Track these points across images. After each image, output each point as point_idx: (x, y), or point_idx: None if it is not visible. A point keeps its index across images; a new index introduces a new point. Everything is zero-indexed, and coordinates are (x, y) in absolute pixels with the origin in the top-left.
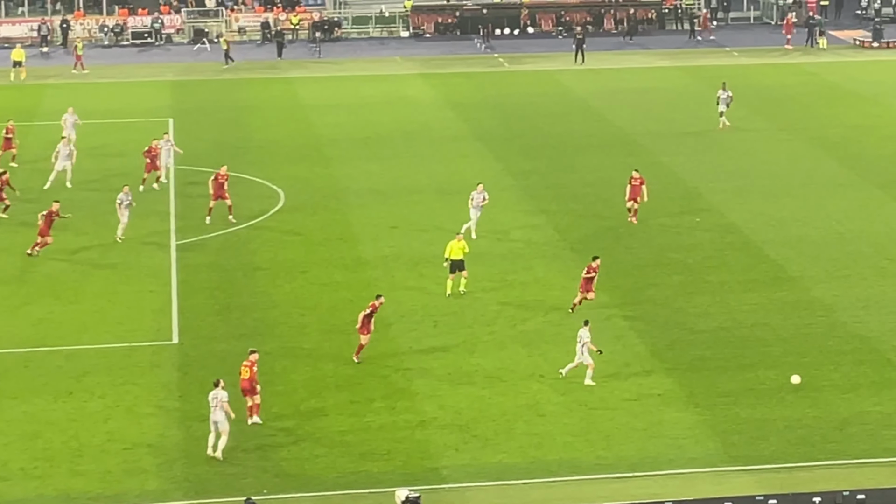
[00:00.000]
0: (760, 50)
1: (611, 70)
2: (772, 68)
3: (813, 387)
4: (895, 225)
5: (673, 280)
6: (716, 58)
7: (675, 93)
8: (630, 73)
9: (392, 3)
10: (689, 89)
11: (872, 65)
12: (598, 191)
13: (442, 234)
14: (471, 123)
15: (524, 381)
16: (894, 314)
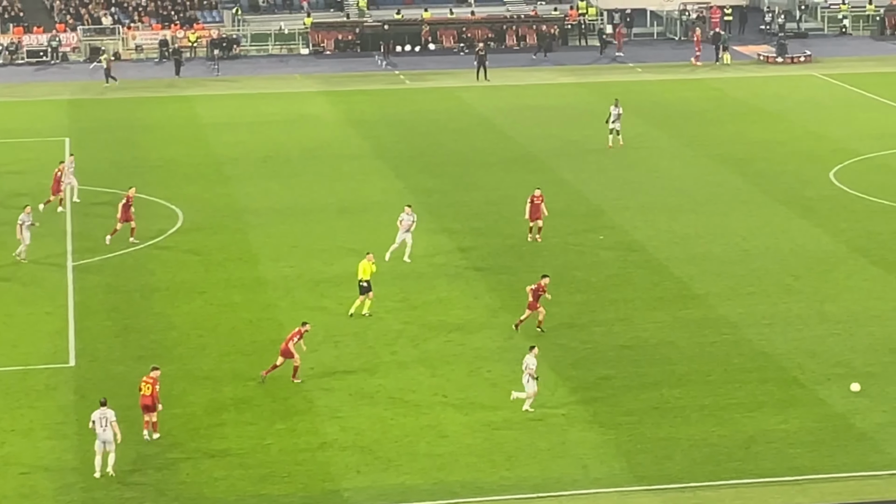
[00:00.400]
0: (664, 66)
1: (513, 87)
2: (676, 84)
3: (718, 405)
4: (800, 242)
5: (576, 298)
6: (619, 74)
7: (578, 110)
8: (533, 89)
9: (291, 20)
10: (592, 106)
11: (777, 80)
12: (501, 209)
13: (343, 253)
14: (372, 141)
15: (426, 402)
16: (799, 331)
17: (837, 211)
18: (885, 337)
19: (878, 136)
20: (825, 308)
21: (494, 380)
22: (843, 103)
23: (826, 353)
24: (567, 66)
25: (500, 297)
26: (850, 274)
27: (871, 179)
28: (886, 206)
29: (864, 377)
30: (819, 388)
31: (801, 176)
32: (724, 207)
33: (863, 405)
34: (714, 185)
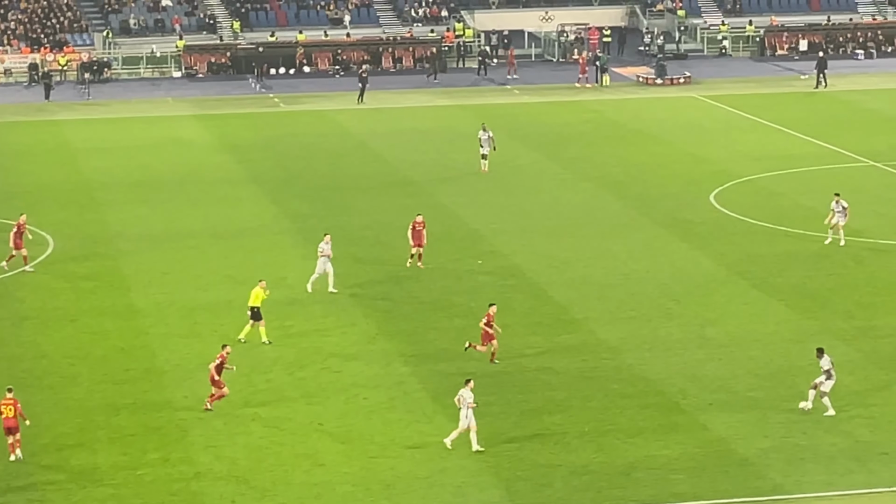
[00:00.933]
0: (542, 88)
1: (390, 109)
2: (555, 106)
3: (598, 431)
4: (680, 265)
5: (455, 324)
6: (497, 96)
7: (456, 132)
8: (410, 112)
9: (164, 42)
10: (470, 129)
11: (656, 102)
12: (378, 234)
13: (216, 279)
14: (246, 165)
15: (303, 430)
16: (680, 356)
17: (717, 234)
18: (767, 361)
19: (758, 157)
20: (706, 332)
21: (371, 407)
22: (722, 125)
23: (707, 377)
24: (444, 89)
25: (377, 323)
26: (730, 297)
27: (751, 202)
28: (767, 228)
29: (746, 402)
30: (700, 414)
31: (681, 199)
32: (604, 231)
33: (744, 430)
34: (593, 209)
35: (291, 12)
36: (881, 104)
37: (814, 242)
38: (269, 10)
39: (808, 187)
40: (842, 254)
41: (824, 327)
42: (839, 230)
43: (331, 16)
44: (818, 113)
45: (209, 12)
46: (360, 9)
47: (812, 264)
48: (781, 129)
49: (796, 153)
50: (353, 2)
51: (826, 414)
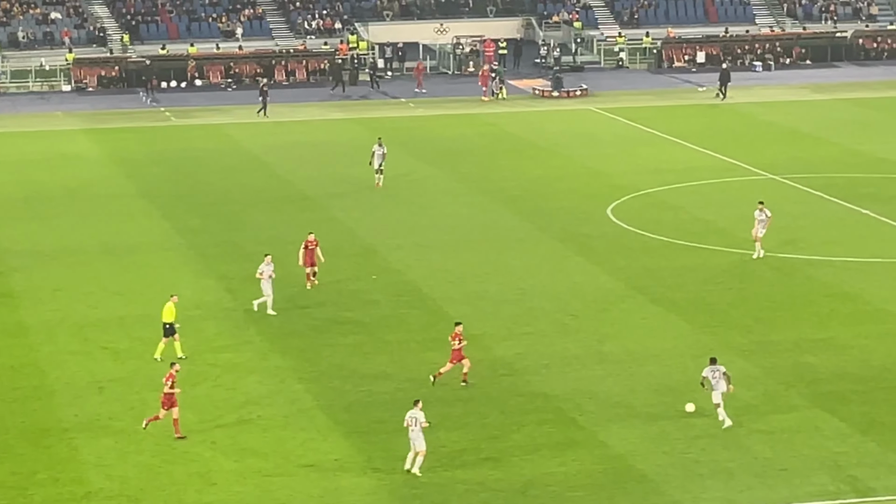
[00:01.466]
0: (438, 101)
1: (284, 123)
2: (450, 119)
3: (495, 448)
4: (577, 280)
5: (349, 340)
6: (391, 110)
7: (350, 146)
8: (303, 126)
9: (53, 56)
10: (364, 142)
11: (552, 115)
12: (271, 249)
13: (107, 295)
14: (137, 180)
15: (195, 448)
16: (577, 372)
17: (615, 248)
18: (665, 376)
19: (655, 171)
20: (604, 348)
21: (265, 425)
22: (620, 138)
23: (605, 393)
24: (339, 102)
25: (271, 340)
26: (628, 312)
27: (648, 215)
28: (665, 242)
29: (644, 417)
30: (598, 430)
31: (578, 212)
32: (500, 245)
33: (643, 447)
34: (489, 223)
35: (183, 25)
36: (779, 117)
37: (712, 256)
38: (160, 22)
39: (706, 200)
40: (740, 268)
41: (722, 342)
42: (757, 241)
43: (223, 28)
44: (716, 125)
45: (99, 25)
46: (253, 21)
47: (710, 278)
48: (679, 141)
49: (694, 166)
50: (245, 14)
51: (724, 425)
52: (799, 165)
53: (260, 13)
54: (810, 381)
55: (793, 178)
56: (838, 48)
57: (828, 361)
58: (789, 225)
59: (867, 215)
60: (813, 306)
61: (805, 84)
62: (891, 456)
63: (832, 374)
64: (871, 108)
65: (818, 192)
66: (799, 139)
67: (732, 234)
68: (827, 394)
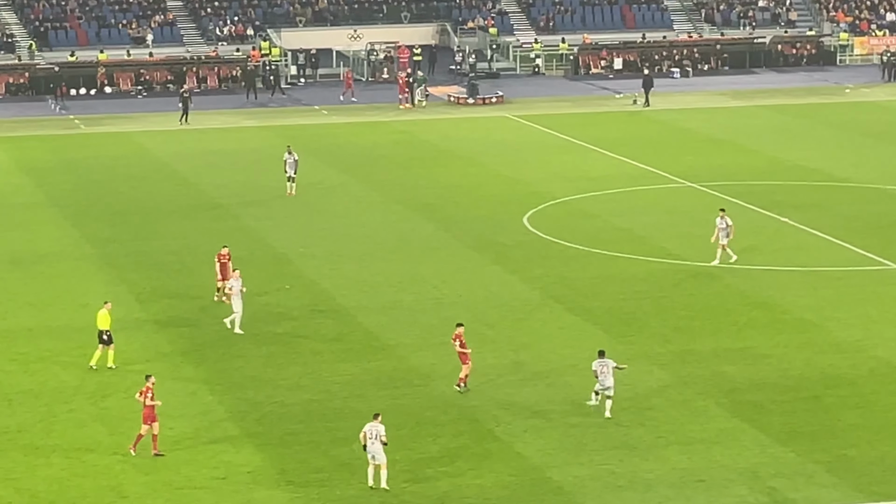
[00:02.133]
0: (351, 108)
1: (195, 131)
2: (363, 127)
3: (410, 460)
4: (494, 289)
5: (262, 351)
6: (303, 117)
7: (261, 154)
8: (214, 133)
9: None
10: (276, 150)
11: (468, 122)
12: (183, 258)
13: (16, 306)
14: (45, 189)
15: (105, 461)
16: (493, 382)
17: (531, 257)
18: (582, 386)
19: (572, 178)
20: (521, 357)
21: (176, 437)
22: (536, 145)
23: (522, 404)
24: (250, 109)
25: (182, 349)
26: (545, 322)
27: (565, 224)
28: (581, 251)
29: (561, 428)
30: (515, 441)
31: (494, 221)
32: (415, 254)
33: (560, 458)
34: (404, 232)
35: (92, 31)
36: (697, 123)
37: (629, 265)
38: (69, 28)
39: (623, 208)
40: (658, 277)
41: (641, 352)
42: (726, 248)
43: (133, 34)
44: (633, 133)
45: (6, 31)
46: (163, 27)
47: (627, 287)
48: (596, 149)
49: (611, 174)
50: (156, 20)
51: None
52: (717, 173)
53: (171, 19)
54: (728, 390)
55: (711, 185)
56: (757, 54)
57: (746, 371)
58: (707, 233)
59: (786, 223)
60: (731, 315)
61: (723, 91)
62: (810, 466)
63: (750, 384)
64: (790, 115)
65: (736, 199)
66: (717, 146)
67: (650, 242)
68: (745, 403)
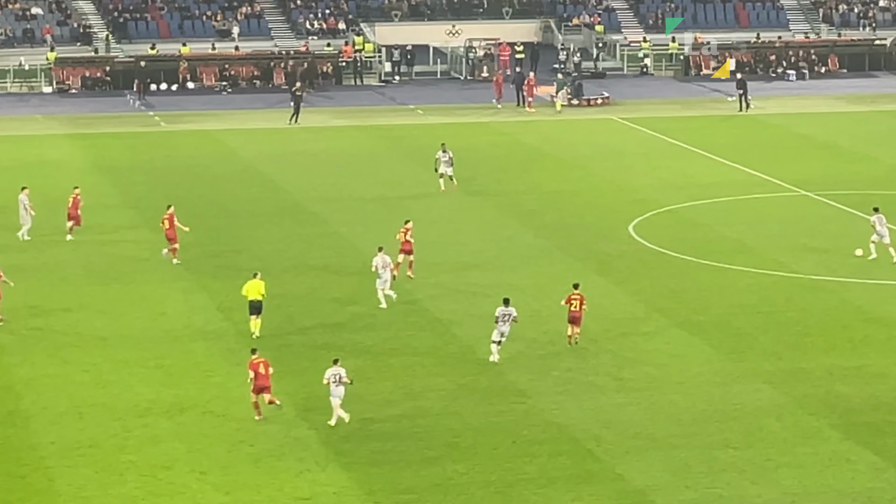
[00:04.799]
0: (448, 108)
1: (280, 130)
2: (461, 128)
3: (505, 481)
4: (596, 301)
5: (350, 364)
6: (398, 116)
7: (352, 155)
8: (302, 133)
9: (33, 54)
10: (368, 151)
11: (572, 124)
12: (268, 265)
13: (89, 314)
14: (122, 189)
15: (182, 480)
16: (594, 400)
17: (637, 267)
18: (688, 405)
19: (680, 185)
20: (623, 374)
21: (258, 455)
22: (643, 150)
23: (624, 423)
24: (342, 108)
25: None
26: (650, 336)
27: (673, 233)
28: (689, 261)
29: (667, 449)
30: (616, 462)
31: (598, 229)
32: (514, 263)
33: (664, 480)
34: (503, 239)
35: (174, 23)
36: (813, 129)
37: (740, 277)
38: (150, 20)
39: (734, 218)
40: (769, 290)
41: (750, 369)
42: (889, 248)
43: (218, 27)
44: (746, 138)
45: (84, 22)
46: (250, 20)
47: (737, 301)
48: (706, 154)
49: (722, 181)
50: (242, 12)
51: (490, 359)
52: (833, 181)
53: (258, 11)
54: (843, 411)
55: (827, 194)
56: (877, 57)
57: (862, 391)
58: (822, 245)
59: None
60: (846, 331)
61: (841, 94)
62: None
63: (866, 405)
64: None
65: (854, 209)
66: (834, 153)
67: (761, 253)
68: (860, 425)
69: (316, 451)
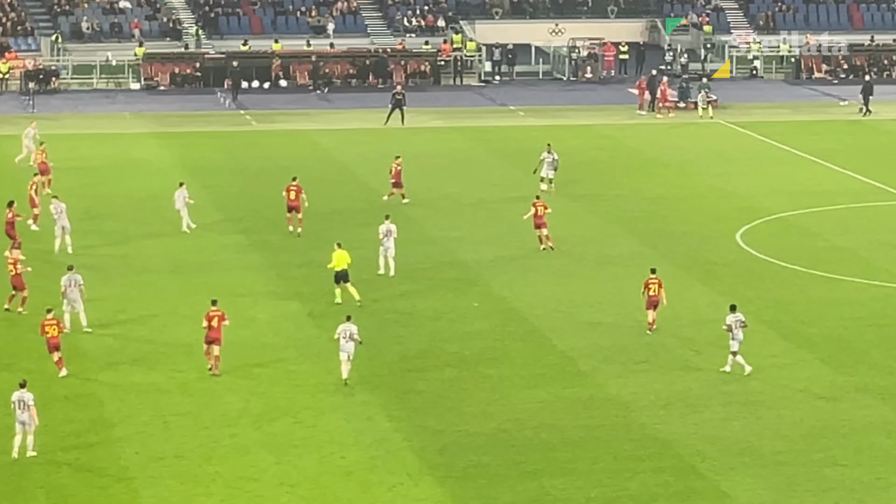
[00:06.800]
0: (548, 109)
1: (376, 130)
2: (562, 130)
3: (606, 498)
4: (702, 311)
5: (446, 374)
6: (497, 118)
7: (450, 157)
8: (398, 134)
9: (120, 50)
10: (466, 153)
11: (678, 128)
12: (360, 270)
13: (176, 319)
14: (212, 191)
15: (271, 493)
16: (699, 414)
17: (744, 277)
18: (796, 421)
19: (790, 192)
20: (729, 388)
21: (349, 467)
22: (751, 155)
23: (730, 438)
24: (440, 108)
25: (358, 371)
26: (757, 349)
27: (782, 242)
28: (799, 272)
29: (773, 466)
30: (721, 479)
31: (704, 237)
32: (616, 272)
33: (770, 499)
34: (605, 247)
35: (267, 18)
36: None
37: (852, 289)
38: (242, 15)
39: (846, 227)
40: (882, 302)
41: (861, 384)
42: None
43: (312, 23)
44: (859, 144)
45: (174, 16)
46: (346, 16)
47: (848, 313)
48: (818, 161)
49: (834, 188)
50: (338, 8)
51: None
52: None
53: (354, 8)
54: None
55: None
56: None
57: None
58: None
59: None
60: None
61: None
62: None
63: None
64: None
65: None
66: None
67: (874, 264)
68: None
69: (409, 464)
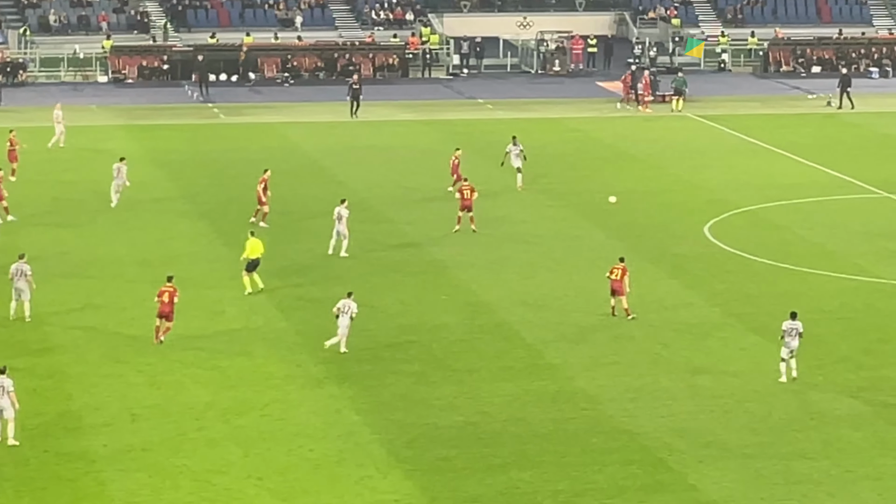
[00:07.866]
0: (516, 102)
1: (344, 124)
2: (532, 124)
3: (574, 490)
4: (670, 305)
5: (414, 368)
6: (466, 111)
7: (418, 151)
8: (367, 126)
9: (88, 42)
10: (434, 147)
11: (646, 121)
12: (329, 264)
13: (144, 312)
14: (180, 184)
15: (238, 485)
16: (667, 407)
17: (712, 270)
18: (764, 414)
19: (758, 186)
20: (697, 381)
21: (317, 460)
22: (720, 148)
23: (697, 431)
24: (408, 102)
25: (326, 366)
26: (725, 342)
27: (750, 235)
28: (767, 265)
29: (741, 459)
30: (689, 472)
31: (672, 230)
32: (585, 265)
33: (738, 491)
34: (573, 240)
35: (235, 11)
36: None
37: (820, 282)
38: (210, 8)
39: (814, 220)
40: (850, 296)
41: (829, 377)
42: None
43: (280, 16)
44: (827, 137)
45: (141, 9)
46: (314, 9)
47: (817, 306)
48: (785, 154)
49: (802, 182)
50: (306, 1)
51: (780, 379)
52: None
53: (323, 1)
54: None
55: None
56: None
57: None
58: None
59: None
60: None
61: None
62: None
63: None
64: None
65: None
66: None
67: (842, 257)
68: None
69: (377, 457)
